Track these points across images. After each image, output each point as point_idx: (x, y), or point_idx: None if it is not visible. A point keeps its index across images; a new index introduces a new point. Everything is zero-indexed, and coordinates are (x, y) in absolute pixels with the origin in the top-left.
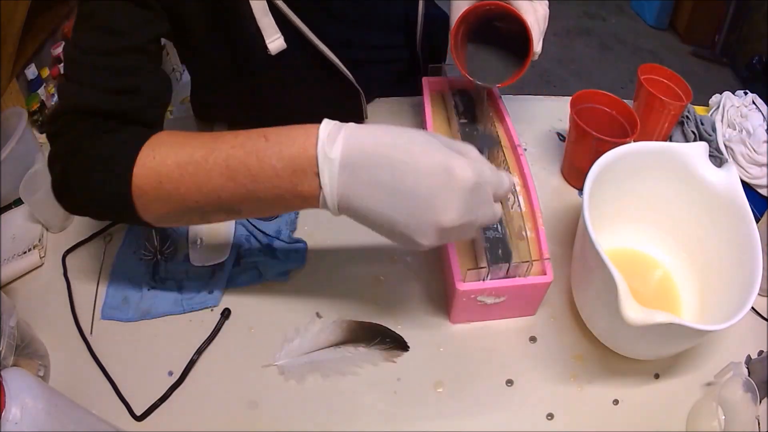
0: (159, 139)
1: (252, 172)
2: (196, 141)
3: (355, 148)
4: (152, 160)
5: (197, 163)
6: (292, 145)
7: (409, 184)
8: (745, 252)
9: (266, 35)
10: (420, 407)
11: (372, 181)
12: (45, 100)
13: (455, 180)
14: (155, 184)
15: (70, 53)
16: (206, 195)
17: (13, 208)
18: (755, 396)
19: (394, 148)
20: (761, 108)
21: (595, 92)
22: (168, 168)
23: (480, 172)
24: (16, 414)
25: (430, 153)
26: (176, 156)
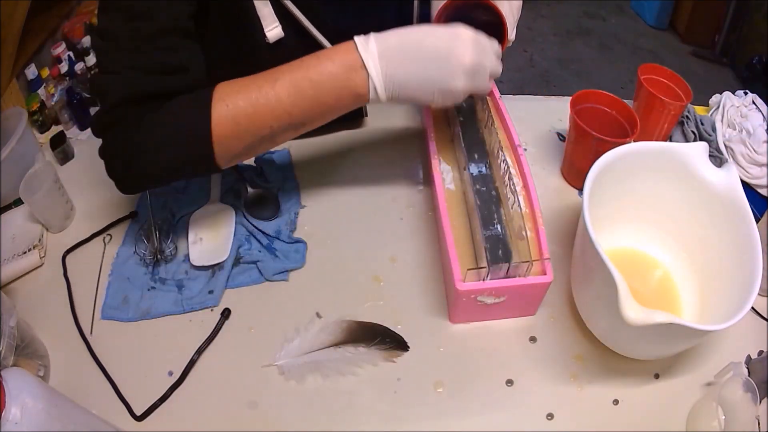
0: (224, 89)
1: (314, 81)
2: (258, 79)
3: (386, 41)
4: (226, 108)
5: (267, 94)
6: (338, 54)
7: (431, 48)
8: (745, 252)
9: (265, 24)
10: (420, 407)
11: (405, 57)
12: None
13: (461, 35)
14: (233, 125)
15: (102, 46)
16: (279, 117)
17: (13, 208)
18: (755, 396)
19: (411, 33)
20: (761, 108)
21: (595, 92)
22: (241, 109)
23: (477, 36)
24: (16, 414)
25: (442, 28)
26: (246, 96)
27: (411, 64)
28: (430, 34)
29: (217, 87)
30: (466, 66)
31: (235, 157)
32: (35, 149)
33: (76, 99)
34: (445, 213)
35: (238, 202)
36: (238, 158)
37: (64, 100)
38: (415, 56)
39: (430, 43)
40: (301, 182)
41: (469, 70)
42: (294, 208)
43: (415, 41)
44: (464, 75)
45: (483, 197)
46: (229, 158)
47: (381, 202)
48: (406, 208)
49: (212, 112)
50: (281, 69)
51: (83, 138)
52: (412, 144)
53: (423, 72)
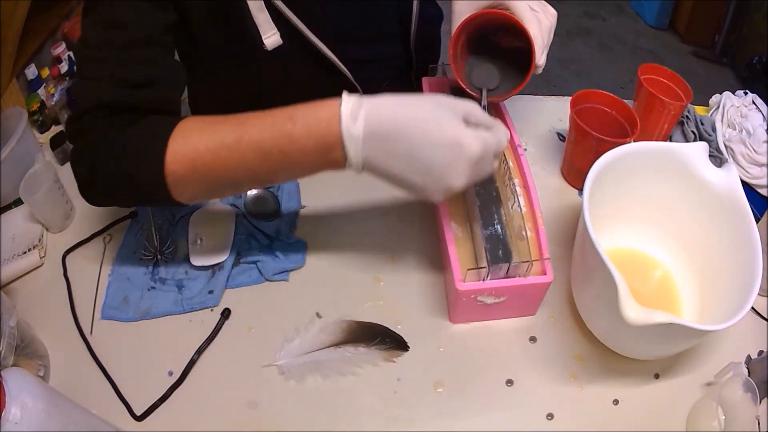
0: (187, 126)
1: (284, 151)
2: (224, 125)
3: (375, 124)
4: (184, 147)
5: (230, 147)
6: (318, 124)
7: (425, 156)
8: (745, 252)
9: (262, 31)
10: (420, 407)
11: (392, 151)
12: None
13: (464, 153)
14: (190, 169)
15: (80, 51)
16: (242, 173)
17: (13, 208)
18: (755, 396)
19: (410, 124)
20: (761, 108)
21: (595, 92)
22: (200, 153)
23: (484, 143)
24: (16, 414)
25: (442, 128)
26: (208, 142)
27: (396, 161)
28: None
29: (184, 121)
30: (454, 188)
31: (195, 197)
32: (35, 149)
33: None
34: (445, 213)
35: (238, 202)
36: (200, 198)
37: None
38: (403, 156)
39: (426, 152)
40: (301, 182)
41: (454, 191)
42: (294, 208)
43: (411, 140)
44: (447, 194)
45: (483, 197)
46: (188, 197)
47: (381, 202)
48: (406, 208)
49: (168, 147)
50: (250, 122)
51: None
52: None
53: (408, 176)
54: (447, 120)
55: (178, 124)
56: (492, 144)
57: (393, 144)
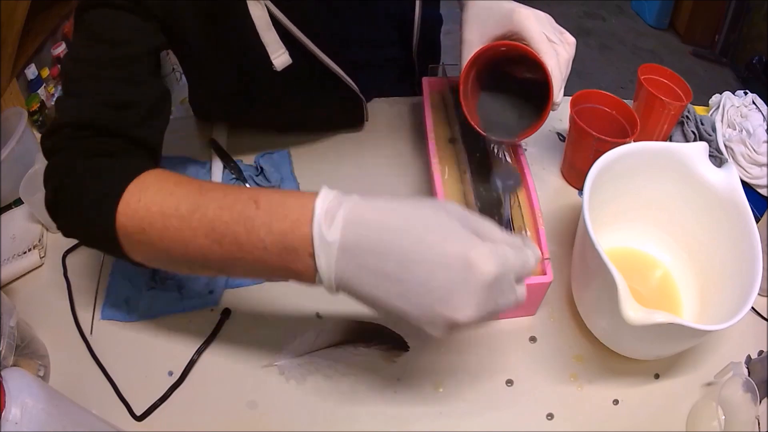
0: (146, 181)
1: (239, 241)
2: (183, 190)
3: (358, 232)
4: (137, 203)
5: (182, 218)
6: (284, 219)
7: (421, 277)
8: (745, 252)
9: (270, 51)
10: (420, 407)
11: (377, 269)
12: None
13: (475, 275)
14: (139, 229)
15: (66, 66)
16: (191, 253)
17: (13, 208)
18: (755, 396)
19: (403, 235)
20: (761, 108)
21: (595, 92)
22: (152, 216)
23: (503, 262)
24: (16, 414)
25: (446, 241)
26: (161, 205)
27: (382, 282)
28: (426, 255)
29: (144, 174)
30: (459, 323)
31: (149, 261)
32: (35, 149)
33: None
34: None
35: None
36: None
37: None
38: (392, 276)
39: (423, 274)
40: (301, 182)
41: (459, 327)
42: None
43: (400, 255)
44: (450, 329)
45: (483, 198)
46: (142, 258)
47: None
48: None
49: (122, 199)
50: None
51: None
52: (411, 144)
53: (396, 302)
54: (453, 232)
55: (141, 175)
56: (513, 263)
57: (379, 259)
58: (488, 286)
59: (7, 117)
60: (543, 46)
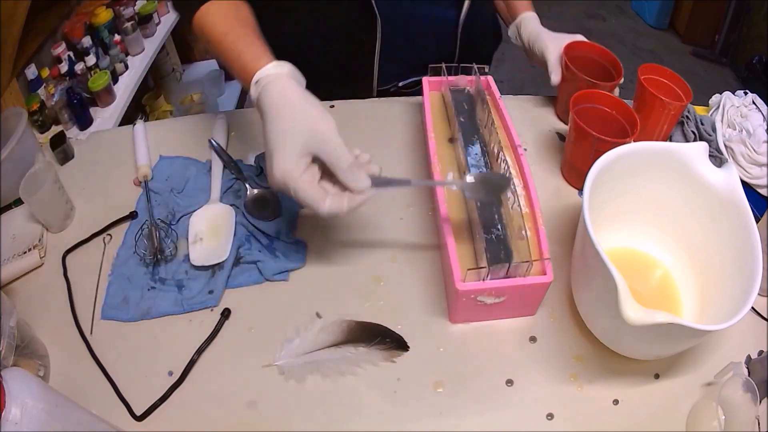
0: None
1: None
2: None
3: (260, 97)
4: (206, 18)
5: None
6: (245, 66)
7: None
8: (745, 252)
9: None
10: (420, 407)
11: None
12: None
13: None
14: (200, 33)
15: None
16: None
17: (13, 208)
18: (755, 396)
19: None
20: (761, 108)
21: (595, 92)
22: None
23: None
24: (16, 414)
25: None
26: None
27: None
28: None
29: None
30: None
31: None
32: (35, 149)
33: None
34: (445, 213)
35: (238, 202)
36: None
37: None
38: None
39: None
40: None
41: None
42: (294, 208)
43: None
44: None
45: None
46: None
47: (381, 202)
48: (406, 208)
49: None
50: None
51: (83, 138)
52: (411, 144)
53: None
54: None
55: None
56: (301, 194)
57: (262, 114)
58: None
59: (7, 117)
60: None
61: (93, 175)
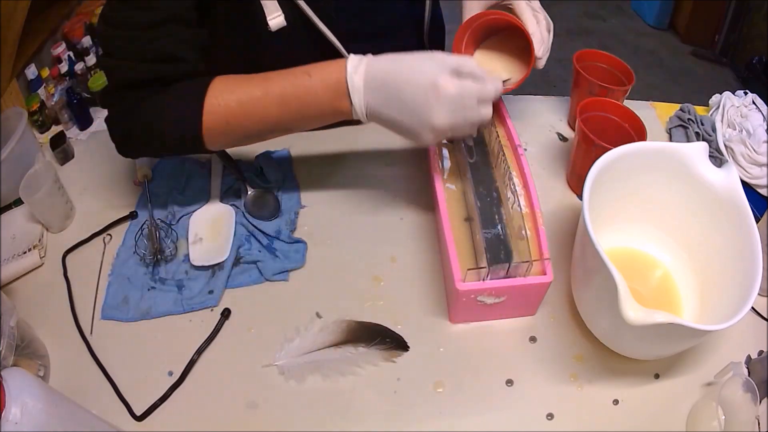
0: (218, 86)
1: (301, 99)
2: (251, 82)
3: (371, 74)
4: (218, 105)
5: (257, 99)
6: (329, 77)
7: (409, 97)
8: (745, 252)
9: (267, 12)
10: (420, 407)
11: (386, 96)
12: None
13: (440, 93)
14: (223, 124)
15: (104, 30)
16: (266, 123)
17: (13, 208)
18: (755, 396)
19: (398, 70)
20: (761, 108)
21: (604, 101)
22: (232, 109)
23: (461, 88)
24: (16, 414)
25: (423, 72)
26: (238, 97)
27: (390, 106)
28: (412, 83)
29: (215, 82)
30: (437, 127)
31: (224, 146)
32: (35, 149)
33: (76, 99)
34: (445, 213)
35: (238, 202)
36: (227, 146)
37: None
38: (394, 101)
39: (409, 94)
40: (301, 182)
41: (439, 130)
42: (294, 208)
43: (397, 85)
44: (433, 132)
45: (483, 197)
46: (218, 146)
47: (381, 202)
48: (406, 208)
49: (204, 106)
50: (273, 78)
51: (83, 138)
52: (412, 144)
53: (399, 117)
54: (429, 67)
55: (211, 84)
56: (472, 90)
57: (386, 90)
58: (452, 100)
59: (7, 117)
60: (525, 11)
61: (93, 175)
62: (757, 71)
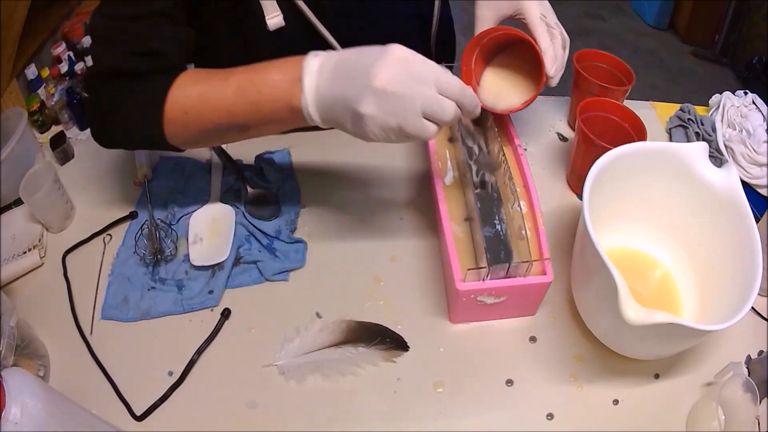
0: (185, 78)
1: (257, 86)
2: (215, 74)
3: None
4: (180, 96)
5: (214, 89)
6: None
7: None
8: (745, 252)
9: (266, 11)
10: (420, 407)
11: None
12: (45, 100)
13: (389, 53)
14: (182, 115)
15: (95, 19)
16: (221, 113)
17: (13, 208)
18: (755, 396)
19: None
20: (761, 108)
21: (604, 101)
22: (192, 99)
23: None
24: (16, 414)
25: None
26: (199, 88)
27: (338, 81)
28: (365, 52)
29: (182, 75)
30: (376, 87)
31: (186, 143)
32: (35, 149)
33: (76, 99)
34: (445, 213)
35: (238, 202)
36: (191, 144)
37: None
38: (343, 74)
39: (359, 60)
40: (301, 182)
41: (379, 92)
42: (294, 208)
43: (353, 58)
44: (373, 97)
45: (483, 197)
46: (180, 142)
47: (381, 202)
48: (406, 208)
49: (168, 97)
50: (236, 69)
51: (83, 138)
52: (411, 144)
53: (341, 90)
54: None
55: (178, 78)
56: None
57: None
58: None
59: (7, 117)
60: (538, 26)
61: (93, 175)
62: (757, 71)
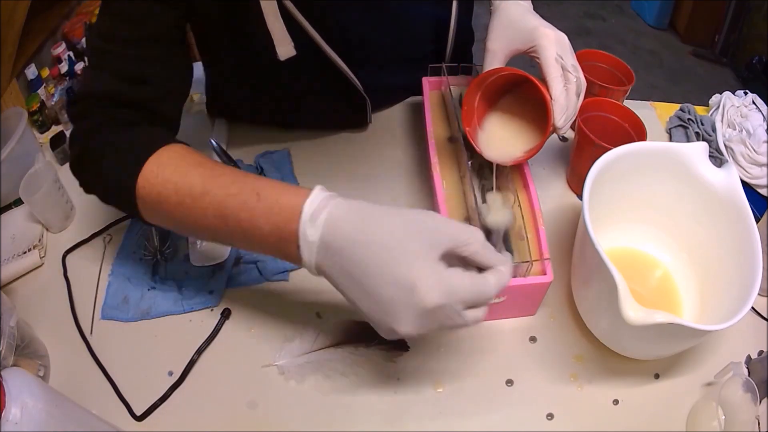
0: (164, 157)
1: (242, 225)
2: (196, 172)
3: (331, 235)
4: (155, 178)
5: (194, 198)
6: (279, 213)
7: (374, 288)
8: (745, 252)
9: (276, 41)
10: (420, 407)
11: (343, 269)
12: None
13: (416, 300)
14: (155, 201)
15: (91, 40)
16: (201, 228)
17: (13, 208)
18: (755, 396)
19: (367, 246)
20: (761, 108)
21: (603, 101)
22: (168, 192)
23: (450, 292)
24: (16, 414)
25: (400, 263)
26: (176, 183)
27: (346, 280)
28: (384, 272)
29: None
30: (399, 333)
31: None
32: (35, 149)
33: None
34: (445, 213)
35: None
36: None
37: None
38: (353, 277)
39: (374, 285)
40: (301, 182)
41: (401, 335)
42: None
43: (362, 264)
44: (394, 336)
45: (483, 197)
46: (155, 222)
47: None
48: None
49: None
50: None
51: None
52: (411, 144)
53: (354, 298)
54: (411, 254)
55: (158, 151)
56: (464, 296)
57: (346, 262)
58: (429, 312)
59: (7, 117)
60: (552, 69)
61: None
62: (757, 71)
